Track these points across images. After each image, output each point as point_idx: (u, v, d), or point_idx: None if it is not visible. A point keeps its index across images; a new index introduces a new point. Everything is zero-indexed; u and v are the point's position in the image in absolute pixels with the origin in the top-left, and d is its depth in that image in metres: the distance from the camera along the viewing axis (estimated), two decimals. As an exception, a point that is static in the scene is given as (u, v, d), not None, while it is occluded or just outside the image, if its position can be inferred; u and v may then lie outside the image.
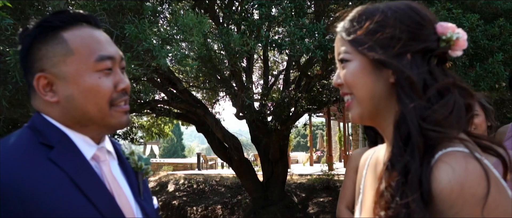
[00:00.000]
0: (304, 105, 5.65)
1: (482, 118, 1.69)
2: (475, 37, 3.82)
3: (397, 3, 0.67)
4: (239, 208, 7.64)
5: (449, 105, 0.60)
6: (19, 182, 0.66)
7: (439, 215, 0.56)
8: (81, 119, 0.76)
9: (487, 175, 0.54)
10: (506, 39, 3.87)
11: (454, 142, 0.59)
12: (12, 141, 0.72)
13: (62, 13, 0.78)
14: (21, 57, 0.78)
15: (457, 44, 0.65)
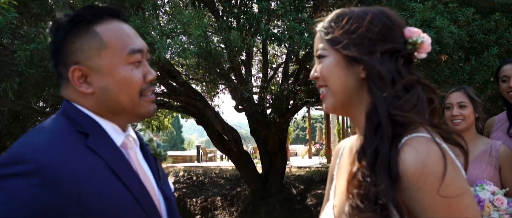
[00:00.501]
0: (303, 98, 5.72)
1: (470, 110, 1.78)
2: (471, 31, 3.88)
3: (372, 8, 0.76)
4: (239, 199, 7.76)
5: (414, 99, 0.69)
6: (70, 167, 0.70)
7: (404, 192, 0.64)
8: (114, 109, 0.81)
9: (444, 156, 0.64)
10: (502, 33, 3.93)
11: (418, 129, 0.68)
12: (53, 129, 0.76)
13: (93, 8, 0.82)
14: (53, 50, 0.82)
15: (422, 47, 0.74)
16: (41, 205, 0.65)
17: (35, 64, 2.57)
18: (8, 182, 0.65)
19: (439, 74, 3.83)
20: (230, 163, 8.12)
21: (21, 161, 0.66)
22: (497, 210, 1.47)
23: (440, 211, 0.63)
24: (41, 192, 0.65)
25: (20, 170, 0.65)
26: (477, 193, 1.52)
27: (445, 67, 3.90)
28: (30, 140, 0.71)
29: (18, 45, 2.50)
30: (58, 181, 0.67)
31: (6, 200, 0.64)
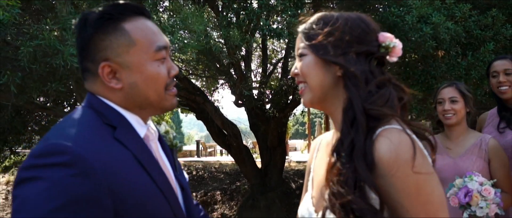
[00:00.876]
0: (302, 93, 5.77)
1: (461, 105, 1.84)
2: (468, 27, 3.93)
3: (351, 14, 0.84)
4: (238, 194, 7.85)
5: (385, 96, 0.77)
6: (102, 159, 0.73)
7: (380, 178, 0.72)
8: (141, 103, 0.85)
9: (414, 145, 0.71)
10: (499, 29, 3.98)
11: (390, 121, 0.75)
12: (84, 122, 0.79)
13: (121, 6, 0.85)
14: (80, 46, 0.84)
15: (393, 51, 0.82)
16: (77, 194, 0.69)
17: (38, 60, 2.62)
18: (47, 172, 0.68)
19: (436, 70, 3.89)
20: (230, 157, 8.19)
21: (59, 152, 0.70)
22: (484, 200, 1.54)
23: (411, 194, 0.71)
24: (77, 182, 0.69)
25: (58, 161, 0.69)
26: (466, 183, 1.59)
27: (442, 63, 3.95)
28: (65, 132, 0.74)
29: (21, 41, 2.56)
30: (93, 172, 0.71)
31: (44, 188, 0.67)
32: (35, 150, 0.72)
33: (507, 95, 1.95)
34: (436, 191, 0.73)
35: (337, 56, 0.80)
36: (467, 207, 1.58)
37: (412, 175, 0.70)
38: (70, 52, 2.48)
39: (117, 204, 0.73)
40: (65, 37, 2.55)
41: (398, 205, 0.72)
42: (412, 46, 3.64)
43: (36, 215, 0.66)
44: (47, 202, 0.66)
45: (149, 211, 0.77)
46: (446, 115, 1.85)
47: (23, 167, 0.71)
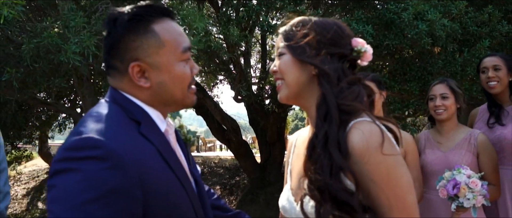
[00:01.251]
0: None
1: (452, 101, 1.91)
2: (464, 24, 3.99)
3: (328, 19, 0.93)
4: (238, 189, 7.94)
5: (356, 92, 0.85)
6: (132, 153, 0.77)
7: (354, 165, 0.80)
8: (167, 101, 0.90)
9: (382, 134, 0.80)
10: (495, 26, 4.04)
11: (361, 115, 0.84)
12: (112, 117, 0.83)
13: (150, 7, 0.88)
14: (109, 45, 0.88)
15: (364, 55, 0.90)
16: (111, 186, 0.73)
17: (41, 57, 2.69)
18: (82, 164, 0.73)
19: (432, 66, 3.95)
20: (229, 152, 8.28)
21: (92, 147, 0.74)
22: (471, 191, 1.62)
23: (382, 179, 0.79)
24: (110, 175, 0.73)
25: (92, 154, 0.73)
26: (454, 176, 1.67)
27: (438, 59, 4.02)
28: (96, 127, 0.78)
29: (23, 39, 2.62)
30: (124, 165, 0.75)
31: (79, 180, 0.71)
32: (68, 143, 0.76)
33: (495, 90, 2.02)
34: (404, 177, 0.81)
35: (313, 56, 0.88)
36: (455, 199, 1.65)
37: (383, 162, 0.79)
38: (72, 50, 2.54)
39: (145, 195, 0.77)
40: (67, 35, 2.61)
41: (371, 190, 0.80)
42: (409, 43, 3.71)
43: (71, 204, 0.70)
44: (82, 193, 0.71)
45: (170, 201, 0.83)
46: (437, 111, 1.93)
47: (57, 159, 0.75)
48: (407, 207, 0.81)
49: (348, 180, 0.81)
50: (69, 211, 0.70)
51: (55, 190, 0.72)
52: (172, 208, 0.83)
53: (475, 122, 2.15)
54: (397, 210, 0.79)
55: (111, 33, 0.87)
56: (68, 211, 0.70)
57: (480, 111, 2.17)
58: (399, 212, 0.79)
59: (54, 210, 0.71)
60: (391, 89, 3.89)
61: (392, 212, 0.79)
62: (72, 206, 0.70)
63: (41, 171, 10.16)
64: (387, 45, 3.76)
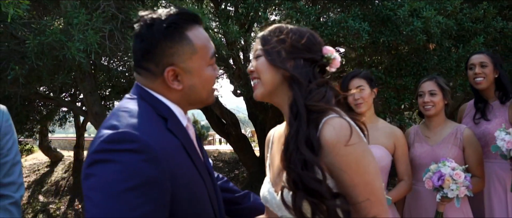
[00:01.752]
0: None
1: (440, 97, 2.02)
2: (459, 20, 4.07)
3: (303, 28, 1.04)
4: (237, 182, 8.07)
5: (322, 93, 0.97)
6: (163, 147, 0.85)
7: (326, 157, 0.91)
8: (194, 101, 1.00)
9: (351, 127, 0.91)
10: (489, 22, 4.12)
11: (330, 113, 0.95)
12: (143, 114, 0.90)
13: (184, 15, 0.96)
14: (144, 49, 0.94)
15: (333, 62, 1.03)
16: (146, 177, 0.80)
17: (45, 54, 2.78)
18: (120, 156, 0.80)
19: (427, 62, 4.05)
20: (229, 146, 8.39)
21: (129, 140, 0.81)
22: (455, 183, 1.74)
23: (352, 167, 0.90)
24: (146, 167, 0.80)
25: (129, 147, 0.80)
26: (439, 168, 1.78)
27: (434, 55, 4.11)
28: (131, 122, 0.86)
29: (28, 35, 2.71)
30: (157, 158, 0.82)
31: (118, 170, 0.78)
32: (106, 136, 0.83)
33: (481, 86, 2.13)
34: (371, 164, 0.93)
35: (287, 60, 1.00)
36: (440, 190, 1.77)
37: (352, 152, 0.90)
38: (76, 47, 2.63)
39: (173, 186, 0.85)
40: (71, 32, 2.70)
41: (342, 177, 0.91)
42: (404, 39, 3.80)
43: (111, 192, 0.77)
44: (121, 182, 0.78)
45: (192, 190, 0.91)
46: (425, 107, 2.04)
47: (95, 151, 0.82)
48: (375, 191, 0.92)
49: (319, 169, 0.92)
50: (108, 199, 0.77)
51: (94, 178, 0.80)
52: (193, 197, 0.91)
53: (463, 117, 2.26)
54: (366, 194, 0.91)
55: (147, 37, 0.94)
56: (107, 199, 0.77)
57: (468, 107, 2.28)
58: (368, 195, 0.91)
59: (93, 197, 0.78)
60: (387, 84, 4.00)
61: (362, 196, 0.91)
62: (111, 194, 0.77)
63: (42, 164, 10.29)
64: (383, 41, 3.85)
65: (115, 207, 0.76)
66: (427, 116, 2.07)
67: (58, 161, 10.03)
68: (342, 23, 3.68)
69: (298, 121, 0.95)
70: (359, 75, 2.03)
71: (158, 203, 0.81)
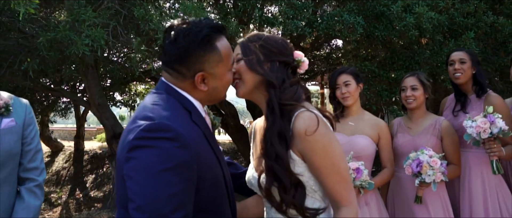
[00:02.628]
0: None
1: (421, 92, 2.23)
2: (451, 15, 4.25)
3: (276, 36, 1.25)
4: (235, 171, 8.30)
5: (293, 91, 1.17)
6: (191, 136, 1.03)
7: (299, 144, 1.11)
8: (214, 99, 1.20)
9: (318, 119, 1.10)
10: (480, 17, 4.30)
11: (300, 108, 1.14)
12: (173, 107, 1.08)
13: (214, 26, 1.12)
14: (179, 54, 1.09)
15: (302, 65, 1.24)
16: (180, 160, 0.97)
17: (54, 48, 2.97)
18: (158, 143, 0.97)
19: (419, 56, 4.24)
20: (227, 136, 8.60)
21: (165, 130, 0.98)
22: (432, 169, 1.95)
23: (319, 152, 1.11)
24: (180, 152, 0.98)
25: (165, 136, 0.98)
26: (418, 156, 1.99)
27: (426, 49, 4.30)
28: (164, 114, 1.03)
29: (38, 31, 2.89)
30: (188, 145, 1.00)
31: (156, 154, 0.95)
32: (144, 126, 1.00)
33: (460, 81, 2.34)
34: (337, 149, 1.14)
35: (265, 62, 1.20)
36: (418, 175, 1.98)
37: (320, 140, 1.10)
38: (83, 42, 2.81)
39: (198, 168, 1.02)
40: (78, 28, 2.88)
41: (313, 161, 1.12)
42: (397, 34, 3.98)
43: (150, 173, 0.94)
44: (159, 164, 0.95)
45: (212, 171, 1.10)
46: (407, 100, 2.24)
47: (135, 138, 0.99)
48: (341, 171, 1.13)
49: (296, 155, 1.13)
50: (149, 178, 0.95)
51: (136, 161, 0.97)
52: (213, 176, 1.11)
53: (444, 110, 2.47)
54: (333, 175, 1.11)
55: (182, 46, 1.09)
56: (148, 178, 0.95)
57: (448, 100, 2.49)
58: (335, 176, 1.12)
59: (135, 176, 0.96)
60: (379, 77, 4.19)
61: (330, 176, 1.11)
62: (151, 173, 0.95)
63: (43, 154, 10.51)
64: (377, 35, 4.04)
65: (154, 184, 0.94)
66: (409, 109, 2.28)
67: (59, 151, 10.25)
68: (337, 17, 3.86)
69: (273, 115, 1.15)
70: (346, 71, 2.23)
71: (189, 182, 1.00)
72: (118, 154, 1.07)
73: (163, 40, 1.16)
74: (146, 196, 0.94)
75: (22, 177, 1.67)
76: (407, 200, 2.18)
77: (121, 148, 1.05)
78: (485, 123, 1.93)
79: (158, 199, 0.94)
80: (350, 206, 1.13)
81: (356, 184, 1.93)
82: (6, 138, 1.61)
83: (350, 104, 2.17)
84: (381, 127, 2.17)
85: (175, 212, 0.95)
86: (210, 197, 1.10)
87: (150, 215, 0.94)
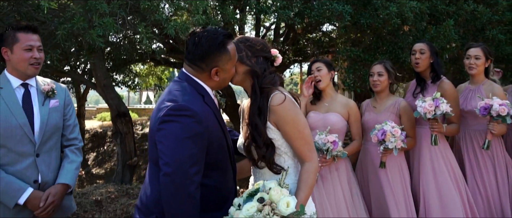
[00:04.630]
0: (291, 57, 6.64)
1: (385, 77, 2.78)
2: (433, 3, 4.72)
3: (258, 38, 1.73)
4: (233, 149, 8.88)
5: (271, 78, 1.66)
6: (204, 114, 1.47)
7: (274, 117, 1.60)
8: (222, 86, 1.66)
9: (286, 97, 1.60)
10: (461, 5, 4.78)
11: (275, 90, 1.64)
12: (190, 92, 1.52)
13: (227, 34, 1.56)
14: (201, 54, 1.53)
15: (277, 60, 1.75)
16: (196, 131, 1.43)
17: (70, 39, 3.48)
18: (180, 119, 1.42)
19: (402, 41, 4.74)
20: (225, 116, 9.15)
21: (185, 109, 1.44)
22: (394, 136, 2.52)
23: (289, 122, 1.59)
24: (196, 125, 1.43)
25: (186, 114, 1.43)
26: (382, 126, 2.55)
27: (409, 35, 4.79)
28: (184, 98, 1.48)
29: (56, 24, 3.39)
30: (202, 121, 1.45)
31: (180, 127, 1.41)
32: (171, 106, 1.45)
33: (419, 68, 2.89)
34: (301, 119, 1.63)
35: (252, 57, 1.69)
36: (382, 142, 2.55)
37: (288, 113, 1.59)
38: (97, 33, 3.32)
39: (209, 138, 1.49)
40: (93, 20, 3.38)
41: (284, 129, 1.61)
42: (381, 22, 4.48)
43: (175, 139, 1.40)
44: (182, 134, 1.41)
45: (219, 140, 1.58)
46: (374, 84, 2.80)
47: (164, 115, 1.44)
48: (305, 136, 1.63)
49: (272, 125, 1.63)
50: (174, 143, 1.41)
51: (165, 131, 1.44)
52: (219, 144, 1.59)
53: (407, 92, 3.04)
54: (299, 139, 1.62)
55: (204, 48, 1.54)
56: (174, 143, 1.41)
57: (411, 85, 3.05)
58: (301, 140, 1.62)
59: (165, 142, 1.42)
60: (365, 62, 4.71)
61: (297, 140, 1.62)
62: (176, 140, 1.41)
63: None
64: (363, 23, 4.53)
65: (178, 148, 1.41)
66: (375, 91, 2.84)
67: (59, 130, 10.79)
68: (326, 6, 4.34)
69: (255, 96, 1.66)
70: (320, 60, 2.77)
71: (201, 147, 1.47)
72: (151, 125, 1.57)
73: (187, 42, 1.60)
74: (172, 155, 1.41)
75: (65, 144, 2.24)
76: (372, 166, 2.77)
77: (154, 121, 1.53)
78: (431, 106, 2.49)
79: (180, 157, 1.41)
80: (312, 161, 1.63)
81: (332, 154, 2.48)
82: (53, 115, 2.16)
83: (323, 87, 2.72)
84: (350, 106, 2.73)
85: (191, 167, 1.43)
86: (216, 157, 1.59)
87: (174, 168, 1.41)
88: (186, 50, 1.61)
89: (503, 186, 2.72)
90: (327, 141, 2.40)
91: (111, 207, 4.69)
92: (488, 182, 2.74)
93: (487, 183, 2.75)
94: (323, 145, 2.44)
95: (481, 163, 2.79)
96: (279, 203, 1.38)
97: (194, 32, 1.58)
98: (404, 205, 2.64)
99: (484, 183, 2.77)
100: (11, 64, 2.07)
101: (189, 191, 1.41)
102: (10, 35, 2.03)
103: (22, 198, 1.96)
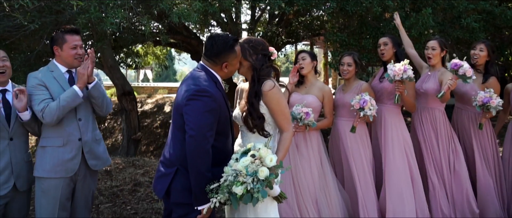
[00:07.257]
0: (284, 39, 7.27)
1: (353, 67, 3.45)
2: (414, -9, 5.30)
3: (259, 39, 2.38)
4: (229, 126, 9.57)
5: (267, 71, 2.31)
6: (217, 95, 2.07)
7: (265, 100, 2.25)
8: (229, 76, 2.24)
9: (275, 85, 2.25)
10: (440, -7, 5.36)
11: (268, 79, 2.27)
12: (207, 79, 2.09)
13: (235, 38, 2.14)
14: (216, 51, 2.11)
15: (273, 55, 2.38)
16: (212, 107, 2.02)
17: (87, 27, 4.11)
18: (202, 98, 2.00)
19: (384, 27, 5.35)
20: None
21: (205, 91, 2.01)
22: (372, 106, 3.15)
23: (275, 103, 2.21)
24: (212, 103, 2.02)
25: (206, 94, 2.01)
26: (363, 97, 3.21)
27: (391, 22, 5.39)
28: (204, 83, 2.04)
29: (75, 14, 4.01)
30: (216, 100, 2.05)
31: (201, 104, 1.99)
32: (196, 88, 2.02)
33: (385, 58, 3.55)
34: (284, 102, 2.25)
35: (254, 55, 2.25)
36: (362, 110, 3.20)
37: (275, 96, 2.19)
38: (110, 21, 3.94)
39: (220, 113, 2.07)
40: (106, 11, 4.00)
41: (271, 107, 2.21)
42: (364, 10, 5.09)
43: (198, 113, 1.98)
44: (203, 108, 2.00)
45: (225, 115, 2.14)
46: (343, 73, 3.48)
47: (191, 94, 2.00)
48: (285, 114, 2.27)
49: (263, 104, 2.22)
50: (198, 114, 1.98)
51: (190, 106, 2.00)
52: (224, 116, 2.13)
53: (375, 76, 3.72)
54: (281, 115, 2.23)
55: (219, 47, 2.12)
56: (197, 115, 1.98)
57: (380, 71, 3.73)
58: (281, 115, 2.23)
59: (191, 113, 1.99)
60: (349, 46, 5.35)
61: (279, 116, 2.24)
62: (199, 113, 1.99)
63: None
64: (348, 10, 5.13)
65: (200, 117, 1.99)
66: (344, 78, 3.53)
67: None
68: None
69: (254, 83, 2.23)
70: (305, 51, 3.44)
71: (215, 118, 2.05)
72: (178, 101, 2.14)
73: (205, 43, 2.20)
74: (196, 123, 2.00)
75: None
76: (342, 136, 3.49)
77: (181, 98, 2.08)
78: (401, 69, 3.15)
79: (201, 124, 2.00)
80: (288, 131, 2.28)
81: (304, 122, 3.16)
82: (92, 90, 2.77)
83: (305, 73, 3.37)
84: (325, 90, 3.41)
85: (208, 132, 2.02)
86: (223, 127, 2.15)
87: (197, 132, 1.98)
88: (204, 49, 2.21)
89: (443, 152, 3.50)
90: (301, 112, 3.11)
91: (120, 176, 5.43)
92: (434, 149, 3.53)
93: (435, 150, 3.53)
94: (298, 114, 3.11)
95: (432, 135, 3.54)
96: (265, 158, 2.01)
97: (211, 36, 2.20)
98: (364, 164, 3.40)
99: (433, 150, 3.54)
100: (61, 58, 2.69)
101: (206, 148, 2.02)
102: (59, 37, 2.64)
103: (75, 86, 2.56)
